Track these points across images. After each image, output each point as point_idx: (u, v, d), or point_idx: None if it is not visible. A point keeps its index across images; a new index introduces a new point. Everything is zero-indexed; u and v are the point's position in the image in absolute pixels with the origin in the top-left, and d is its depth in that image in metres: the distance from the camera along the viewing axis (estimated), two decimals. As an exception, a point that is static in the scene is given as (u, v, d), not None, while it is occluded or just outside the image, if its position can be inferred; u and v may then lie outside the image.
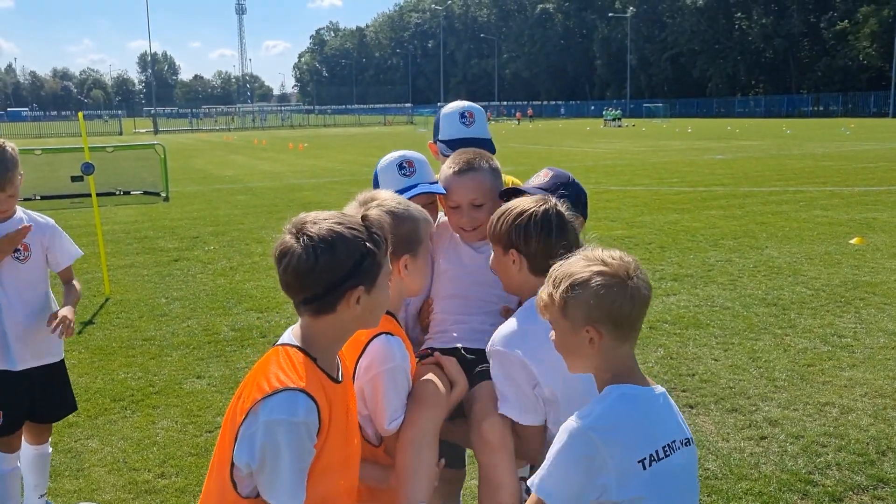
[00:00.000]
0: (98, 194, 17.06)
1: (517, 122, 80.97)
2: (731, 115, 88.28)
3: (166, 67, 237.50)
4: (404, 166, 2.85)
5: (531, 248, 2.38)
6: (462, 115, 3.03)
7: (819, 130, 46.29)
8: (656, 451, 1.86)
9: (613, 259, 1.95)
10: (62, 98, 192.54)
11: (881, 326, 6.80)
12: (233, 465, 1.87)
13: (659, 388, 1.98)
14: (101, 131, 66.97)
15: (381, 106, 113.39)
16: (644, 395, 1.93)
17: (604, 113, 69.56)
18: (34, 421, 3.73)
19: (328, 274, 1.85)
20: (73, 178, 17.76)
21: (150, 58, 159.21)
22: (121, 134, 63.41)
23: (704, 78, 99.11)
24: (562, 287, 1.93)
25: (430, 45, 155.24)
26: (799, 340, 6.47)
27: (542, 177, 2.91)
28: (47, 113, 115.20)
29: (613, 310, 1.88)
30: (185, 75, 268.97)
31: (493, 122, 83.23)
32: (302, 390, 1.84)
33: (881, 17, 77.19)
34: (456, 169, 2.74)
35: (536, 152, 32.13)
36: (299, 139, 49.30)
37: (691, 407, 5.16)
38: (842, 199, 14.77)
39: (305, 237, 1.85)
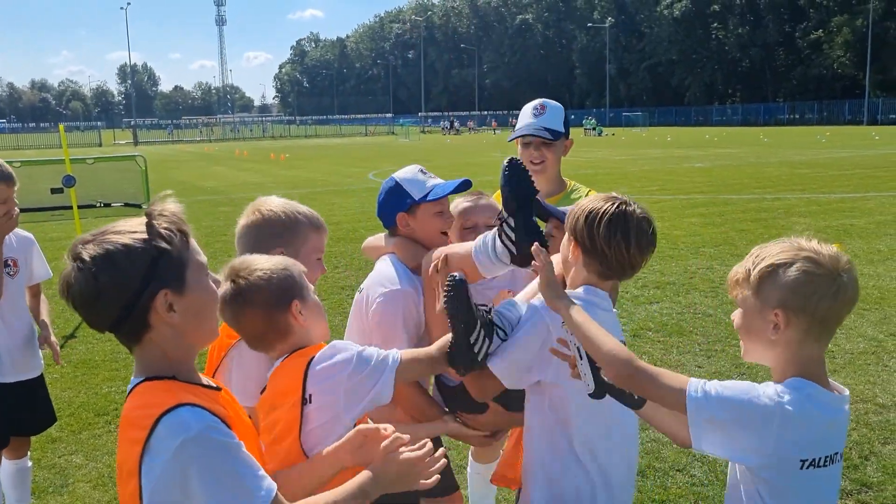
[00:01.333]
0: (79, 206, 16.99)
1: (494, 132, 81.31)
2: (708, 123, 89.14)
3: (146, 78, 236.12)
4: (424, 171, 2.93)
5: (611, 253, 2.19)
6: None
7: (795, 138, 46.87)
8: (818, 458, 1.81)
9: (825, 250, 1.84)
10: (40, 110, 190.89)
11: (861, 332, 6.89)
12: None
13: (845, 394, 1.90)
14: (80, 142, 66.39)
15: (363, 116, 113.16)
16: (833, 401, 1.84)
17: (584, 122, 70.02)
18: (16, 434, 3.71)
19: (117, 292, 1.60)
20: (53, 191, 17.66)
21: (129, 69, 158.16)
22: (100, 145, 62.83)
23: (682, 87, 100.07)
24: (762, 264, 1.85)
25: (410, 56, 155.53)
26: (780, 346, 6.53)
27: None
28: (25, 125, 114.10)
29: (812, 301, 1.78)
30: (166, 86, 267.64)
31: (474, 132, 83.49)
32: (177, 405, 1.57)
33: (854, 26, 78.37)
34: (471, 199, 3.02)
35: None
36: (280, 150, 49.17)
37: (676, 414, 5.20)
38: (819, 206, 14.96)
39: (80, 261, 1.60)
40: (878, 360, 6.17)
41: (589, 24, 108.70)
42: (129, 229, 1.64)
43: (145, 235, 1.63)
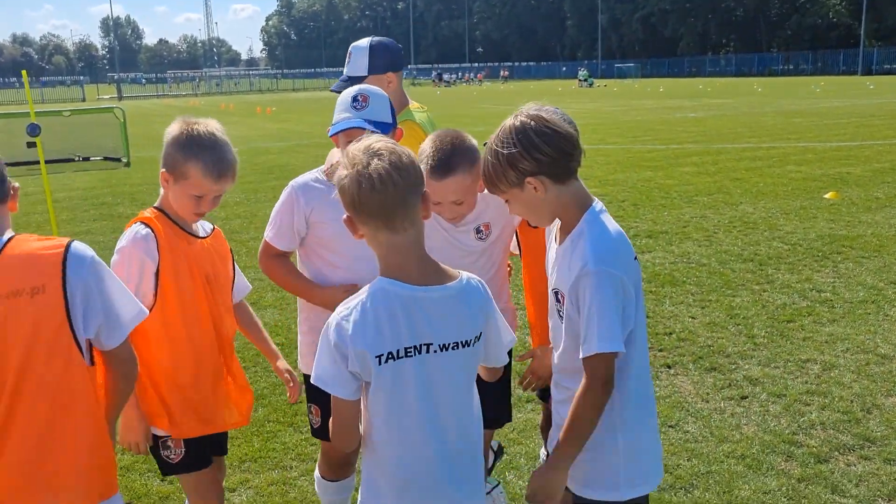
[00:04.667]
0: (56, 161, 16.47)
1: (479, 83, 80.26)
2: (702, 74, 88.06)
3: (129, 32, 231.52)
4: (358, 99, 2.71)
5: (542, 160, 2.10)
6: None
7: (790, 88, 46.29)
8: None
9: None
10: (22, 64, 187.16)
11: (860, 280, 6.64)
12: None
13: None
14: (64, 98, 65.18)
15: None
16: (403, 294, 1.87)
17: (579, 73, 69.06)
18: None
19: None
20: (29, 145, 17.20)
21: (112, 22, 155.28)
22: (84, 100, 61.72)
23: (676, 37, 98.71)
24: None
25: (399, 7, 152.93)
26: (777, 296, 6.29)
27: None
28: (7, 80, 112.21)
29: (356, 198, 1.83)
30: (150, 40, 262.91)
31: (462, 84, 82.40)
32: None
33: (851, -26, 77.15)
34: (434, 166, 2.57)
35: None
36: (267, 103, 48.35)
37: (669, 367, 4.96)
38: (815, 154, 14.64)
39: None
40: (879, 308, 5.92)
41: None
42: None
43: None
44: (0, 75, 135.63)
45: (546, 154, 2.09)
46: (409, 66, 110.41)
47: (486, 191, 2.40)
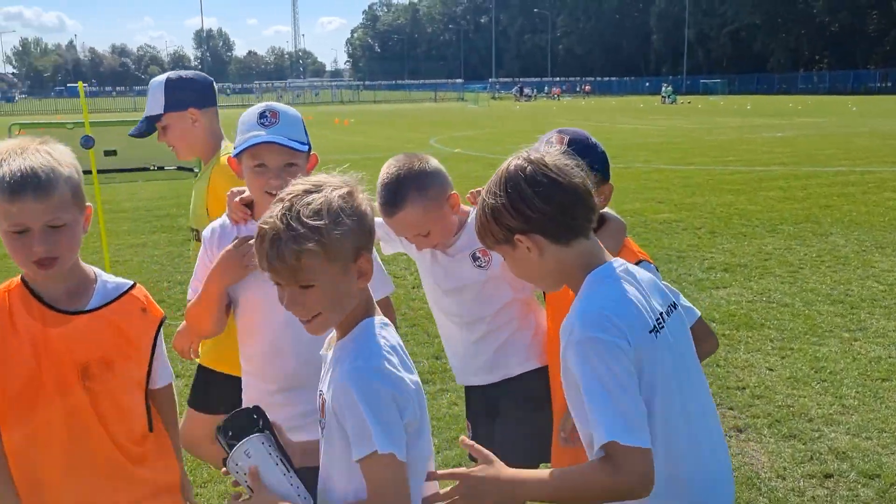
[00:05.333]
0: (132, 170, 16.89)
1: (557, 98, 79.36)
2: (793, 91, 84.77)
3: (221, 44, 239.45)
4: (266, 115, 2.32)
5: (531, 217, 1.70)
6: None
7: (887, 107, 43.88)
8: None
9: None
10: (120, 74, 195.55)
11: (969, 331, 5.82)
12: None
13: None
14: (153, 107, 67.46)
15: (433, 82, 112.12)
16: None
17: (662, 89, 67.44)
18: None
19: None
20: (106, 153, 17.58)
21: (203, 34, 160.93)
22: (172, 109, 63.81)
23: (766, 53, 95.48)
24: None
25: (483, 21, 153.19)
26: (871, 347, 5.54)
27: (555, 144, 2.23)
28: (103, 89, 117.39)
29: None
30: (240, 51, 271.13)
31: (542, 99, 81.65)
32: None
33: (957, -13, 73.11)
34: (382, 203, 2.37)
35: (585, 129, 30.95)
36: (347, 115, 48.78)
37: (740, 431, 4.32)
38: (916, 180, 13.52)
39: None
40: None
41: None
42: None
43: None
44: (100, 84, 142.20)
45: (537, 210, 1.67)
46: (490, 80, 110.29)
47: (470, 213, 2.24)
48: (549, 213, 1.67)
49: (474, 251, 2.49)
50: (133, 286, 2.04)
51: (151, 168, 18.20)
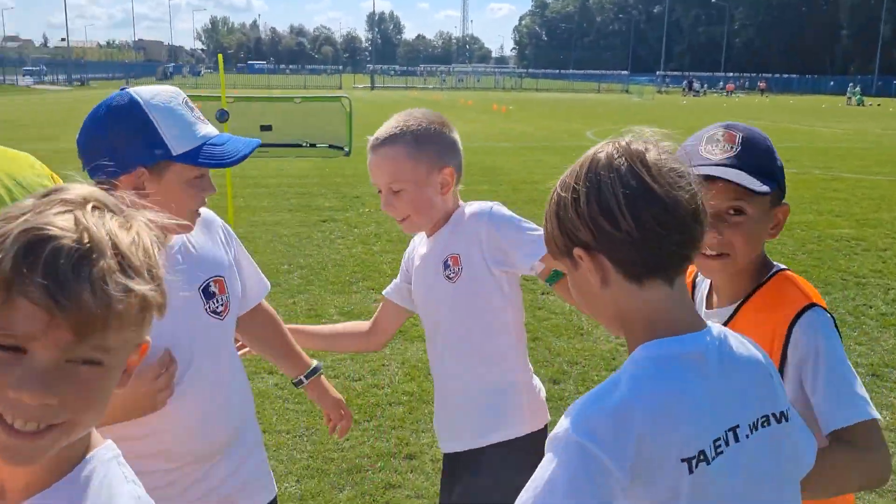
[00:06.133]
0: (285, 145, 17.30)
1: (728, 94, 75.07)
2: None
3: (392, 27, 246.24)
4: (192, 105, 1.80)
5: (604, 229, 1.16)
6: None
7: None
8: None
9: None
10: (296, 53, 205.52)
11: None
12: None
13: None
14: (322, 85, 70.31)
15: (598, 72, 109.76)
16: None
17: (848, 90, 62.34)
18: None
19: None
20: (263, 128, 18.11)
21: (375, 17, 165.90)
22: (340, 88, 66.16)
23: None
24: None
25: (655, 11, 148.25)
26: None
27: (722, 143, 1.63)
28: (278, 66, 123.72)
29: None
30: (409, 35, 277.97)
31: (713, 94, 77.73)
32: None
33: None
34: (375, 134, 2.12)
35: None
36: (507, 101, 48.38)
37: (927, 521, 3.42)
38: None
39: None
40: None
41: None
42: None
43: None
44: (277, 62, 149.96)
45: (613, 221, 1.14)
46: (657, 73, 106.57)
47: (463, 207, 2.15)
48: (626, 229, 1.11)
49: (446, 258, 2.09)
50: None
51: (304, 145, 18.60)
